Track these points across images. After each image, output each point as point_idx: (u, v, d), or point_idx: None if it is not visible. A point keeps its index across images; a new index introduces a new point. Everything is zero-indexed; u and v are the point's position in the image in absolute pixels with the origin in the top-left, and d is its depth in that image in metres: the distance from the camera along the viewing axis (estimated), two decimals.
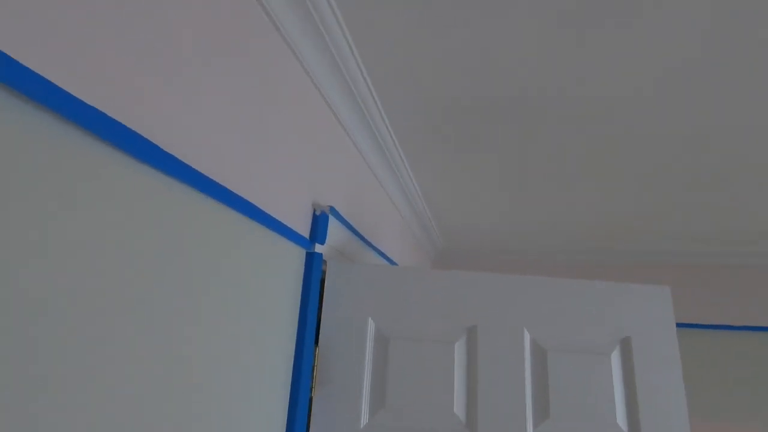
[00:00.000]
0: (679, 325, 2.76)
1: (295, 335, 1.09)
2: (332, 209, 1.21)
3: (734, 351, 2.70)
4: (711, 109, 1.31)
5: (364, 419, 1.13)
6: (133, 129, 0.61)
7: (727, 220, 2.19)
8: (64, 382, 0.50)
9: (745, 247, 2.60)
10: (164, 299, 0.66)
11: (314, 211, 1.20)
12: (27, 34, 0.47)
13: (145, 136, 0.63)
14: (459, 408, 1.13)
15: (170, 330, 0.67)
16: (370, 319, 1.19)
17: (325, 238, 1.17)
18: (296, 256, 1.12)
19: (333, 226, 1.26)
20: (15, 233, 0.45)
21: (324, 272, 1.39)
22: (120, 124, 0.58)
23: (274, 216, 1.00)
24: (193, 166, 0.73)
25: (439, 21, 1.05)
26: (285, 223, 1.05)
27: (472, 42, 1.11)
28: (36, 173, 0.48)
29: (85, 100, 0.54)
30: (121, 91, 0.60)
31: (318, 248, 1.20)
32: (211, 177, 0.77)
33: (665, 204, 2.06)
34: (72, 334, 0.51)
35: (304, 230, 1.16)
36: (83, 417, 0.52)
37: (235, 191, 0.85)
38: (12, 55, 0.45)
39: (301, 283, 1.14)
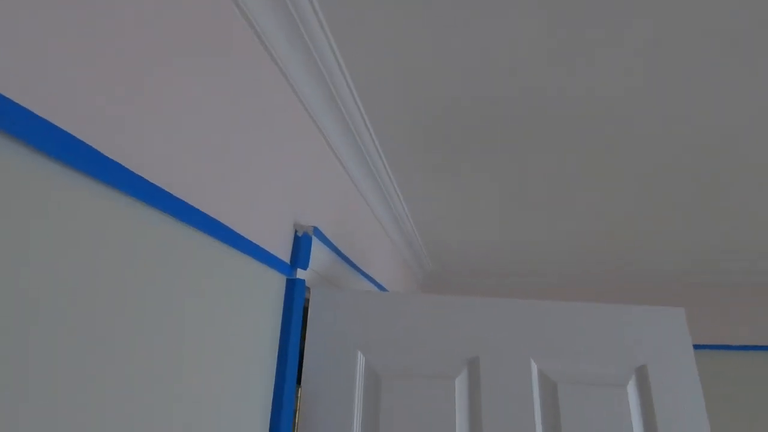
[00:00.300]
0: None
1: (275, 374, 0.96)
2: (316, 230, 1.09)
3: (748, 372, 2.60)
4: (718, 112, 1.25)
5: None
6: (95, 147, 0.52)
7: (737, 233, 2.13)
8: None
9: (752, 261, 2.54)
10: (104, 332, 0.53)
11: (296, 232, 1.08)
12: None
13: (105, 153, 0.53)
14: None
15: (113, 373, 0.54)
16: (359, 352, 1.06)
17: (307, 262, 1.05)
18: (275, 283, 0.99)
19: (317, 249, 1.14)
20: None
21: (307, 300, 1.26)
22: (79, 140, 0.49)
23: (248, 238, 0.87)
24: (150, 179, 0.61)
25: (430, 25, 0.97)
26: (262, 246, 0.93)
27: (464, 47, 1.03)
28: None
29: (39, 114, 0.45)
30: (82, 104, 0.50)
31: (300, 274, 1.07)
32: (170, 191, 0.65)
33: (669, 213, 1.99)
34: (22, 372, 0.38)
35: (285, 254, 1.04)
36: None
37: (198, 207, 0.73)
38: None
39: (281, 314, 1.01)
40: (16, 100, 0.43)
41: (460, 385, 1.03)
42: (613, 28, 0.95)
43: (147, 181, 0.60)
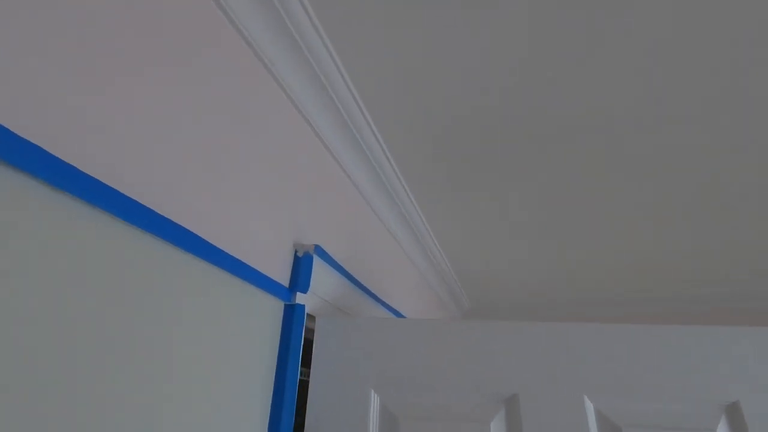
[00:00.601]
0: None
1: (268, 422, 0.80)
2: (318, 248, 0.95)
3: None
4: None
5: None
6: (69, 162, 0.47)
7: None
8: None
9: None
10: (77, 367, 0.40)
11: (296, 252, 0.95)
12: None
13: (80, 167, 0.48)
14: None
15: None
16: (372, 392, 0.89)
17: (308, 285, 0.91)
18: (270, 310, 0.85)
19: (321, 271, 1.00)
20: None
21: (312, 331, 1.11)
22: (52, 155, 0.44)
23: (238, 257, 0.75)
24: (122, 190, 0.52)
25: (431, 28, 0.86)
26: (253, 267, 0.80)
27: (464, 48, 0.91)
28: None
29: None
30: (54, 111, 0.46)
31: (301, 299, 0.93)
32: (148, 206, 0.55)
33: (730, 233, 1.74)
34: None
35: (283, 277, 0.91)
36: None
37: (181, 224, 0.61)
38: None
39: (278, 347, 0.86)
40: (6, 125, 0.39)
41: (497, 429, 0.82)
42: (613, 29, 0.84)
43: (121, 193, 0.50)
